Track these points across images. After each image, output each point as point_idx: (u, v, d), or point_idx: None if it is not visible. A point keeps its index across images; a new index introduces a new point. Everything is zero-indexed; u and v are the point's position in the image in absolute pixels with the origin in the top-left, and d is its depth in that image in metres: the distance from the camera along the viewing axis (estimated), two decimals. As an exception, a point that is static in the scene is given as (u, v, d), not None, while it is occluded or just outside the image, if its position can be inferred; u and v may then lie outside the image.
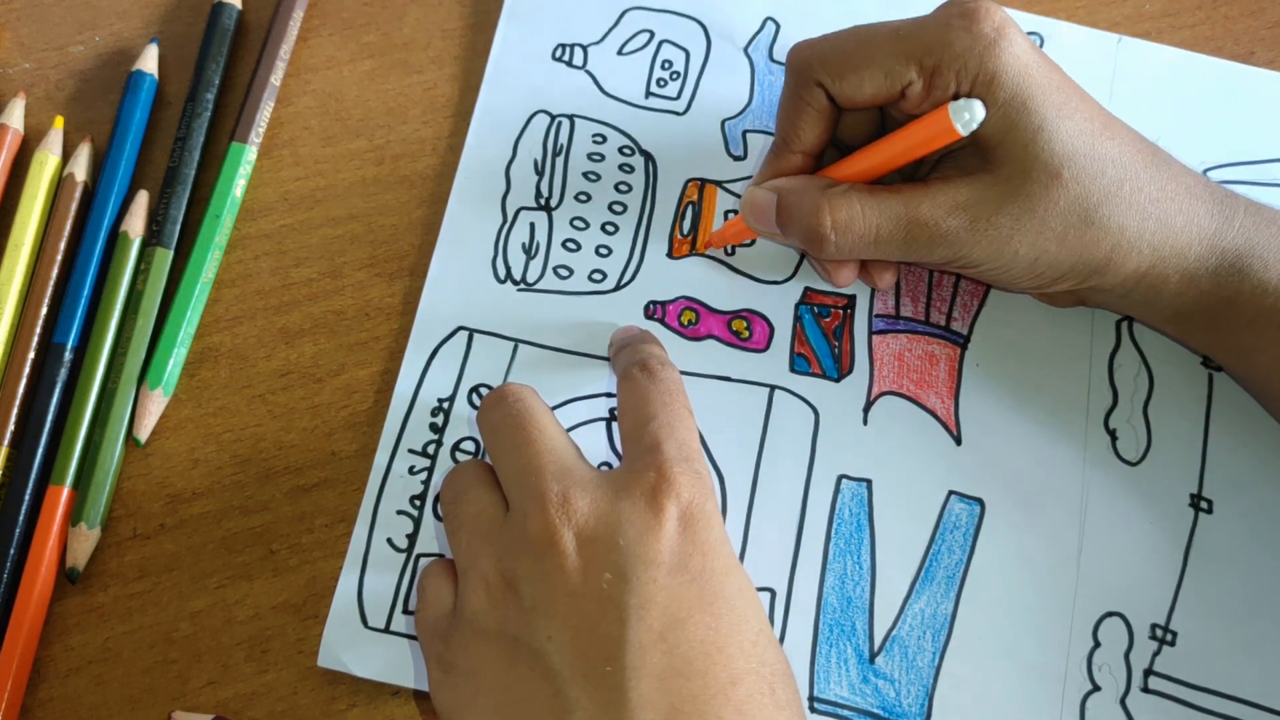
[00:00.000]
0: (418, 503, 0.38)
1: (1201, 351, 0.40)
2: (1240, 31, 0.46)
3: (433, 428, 0.39)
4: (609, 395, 0.40)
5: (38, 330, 0.40)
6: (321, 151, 0.44)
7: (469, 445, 0.39)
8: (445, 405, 0.40)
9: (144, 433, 0.39)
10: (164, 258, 0.41)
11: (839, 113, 0.38)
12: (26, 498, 0.38)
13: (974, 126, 0.34)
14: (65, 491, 0.38)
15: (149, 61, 0.44)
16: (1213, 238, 0.36)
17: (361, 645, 0.36)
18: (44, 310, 0.40)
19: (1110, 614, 0.37)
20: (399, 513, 0.38)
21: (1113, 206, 0.35)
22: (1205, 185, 0.37)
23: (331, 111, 0.44)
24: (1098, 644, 0.37)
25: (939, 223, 0.35)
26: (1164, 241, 0.35)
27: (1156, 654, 0.37)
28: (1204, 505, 0.39)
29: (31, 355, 0.39)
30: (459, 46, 0.45)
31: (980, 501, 0.39)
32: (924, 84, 0.35)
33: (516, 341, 0.41)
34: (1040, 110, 0.34)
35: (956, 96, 0.35)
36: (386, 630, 0.37)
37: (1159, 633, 0.37)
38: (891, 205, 0.36)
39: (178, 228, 0.41)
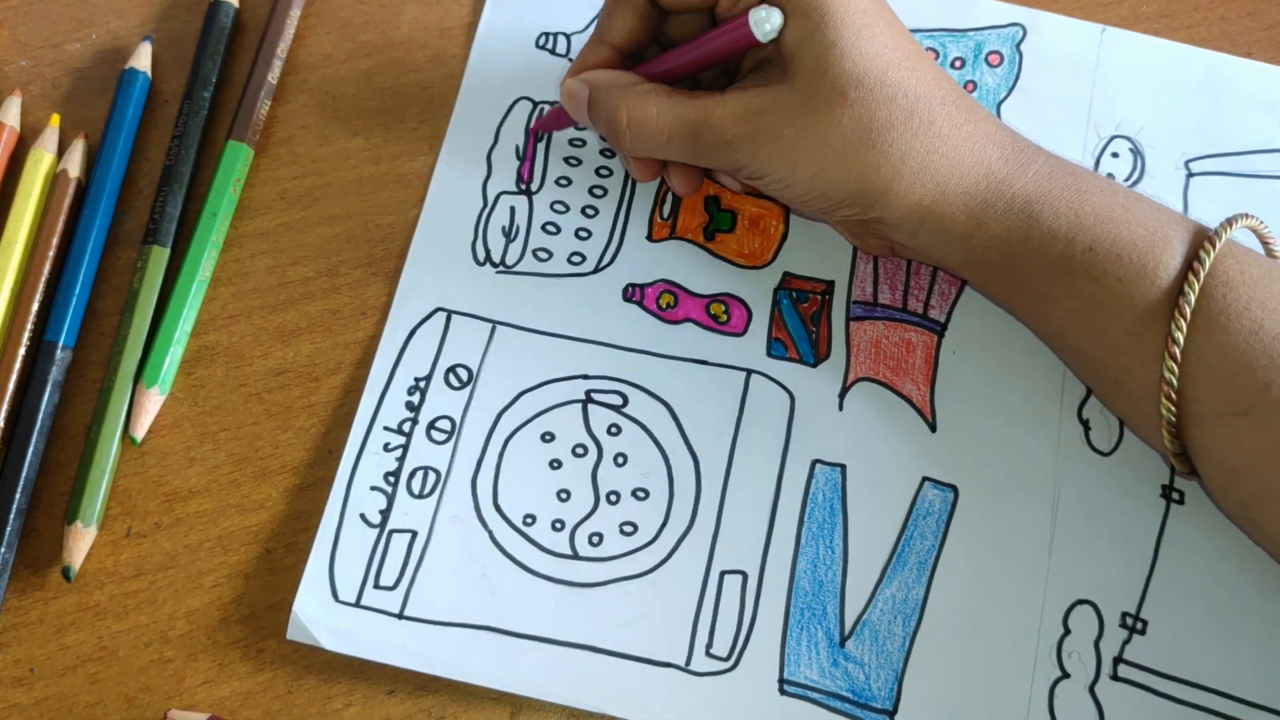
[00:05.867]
0: (392, 479, 0.39)
1: (1001, 302, 0.40)
2: (1237, 33, 0.46)
3: (409, 406, 0.40)
4: (585, 377, 0.40)
5: (29, 327, 0.40)
6: (318, 150, 0.44)
7: (444, 424, 0.39)
8: (421, 384, 0.40)
9: (140, 431, 0.39)
10: (160, 256, 0.41)
11: (660, 15, 0.39)
12: (17, 496, 0.38)
13: (772, 33, 0.35)
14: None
15: (142, 59, 0.44)
16: (1003, 181, 0.36)
17: (332, 619, 0.37)
18: (35, 307, 0.40)
19: (1081, 602, 0.37)
20: (373, 488, 0.38)
21: (896, 134, 0.35)
22: (1008, 134, 0.37)
23: (328, 110, 0.44)
24: (1068, 631, 0.37)
25: (726, 129, 0.36)
26: (948, 178, 0.36)
27: (1126, 642, 0.37)
28: (1175, 497, 0.39)
29: (22, 352, 0.39)
30: (456, 45, 0.45)
31: (954, 488, 0.39)
32: None
33: (494, 323, 0.41)
34: (836, 27, 0.35)
35: (763, 2, 0.36)
36: (357, 605, 0.37)
37: (1129, 621, 0.37)
38: (686, 108, 0.37)
39: (174, 226, 0.41)
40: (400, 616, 0.37)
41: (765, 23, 0.35)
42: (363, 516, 0.38)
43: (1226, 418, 0.34)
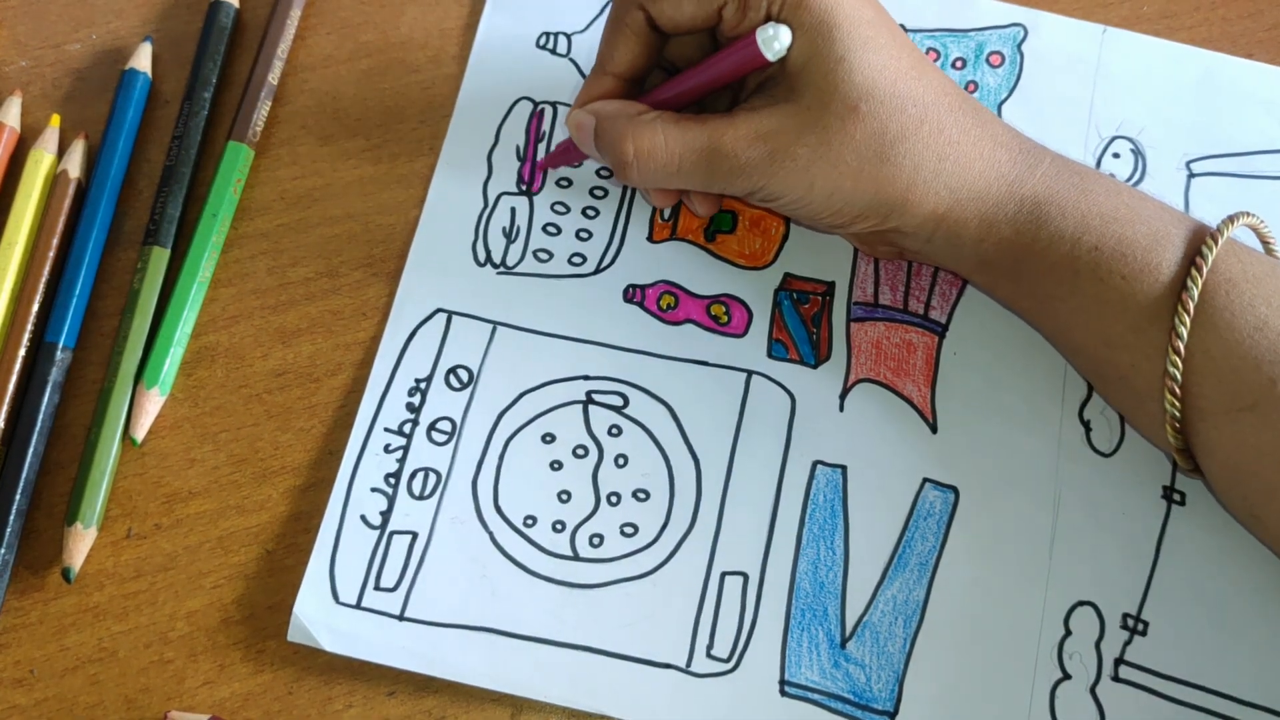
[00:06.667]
0: (392, 480, 0.39)
1: (1007, 304, 0.40)
2: (1238, 34, 0.46)
3: (409, 407, 0.40)
4: (586, 378, 0.40)
5: (29, 328, 0.40)
6: (319, 150, 0.44)
7: (445, 425, 0.39)
8: (422, 385, 0.40)
9: (140, 432, 0.39)
10: (161, 257, 0.41)
11: (660, 40, 0.39)
12: (17, 496, 0.38)
13: (781, 51, 0.35)
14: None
15: (142, 60, 0.44)
16: (1012, 184, 0.36)
17: (332, 620, 0.37)
18: (35, 308, 0.40)
19: (1082, 603, 0.37)
20: (373, 490, 0.38)
21: (909, 144, 0.35)
22: (1013, 136, 0.37)
23: (329, 110, 0.44)
24: (1069, 632, 0.37)
25: (739, 153, 0.36)
26: (961, 184, 0.36)
27: (1128, 643, 0.37)
28: (1176, 498, 0.39)
29: (22, 353, 0.39)
30: (456, 45, 0.45)
31: (954, 489, 0.39)
32: (737, 6, 0.36)
33: (495, 324, 0.41)
34: (844, 41, 0.35)
35: (768, 20, 0.35)
36: (358, 606, 0.37)
37: (1130, 622, 0.37)
38: (695, 135, 0.36)
39: (174, 227, 0.41)
40: (401, 618, 0.37)
41: (774, 41, 0.35)
42: (363, 518, 0.38)
43: (1232, 413, 0.34)
